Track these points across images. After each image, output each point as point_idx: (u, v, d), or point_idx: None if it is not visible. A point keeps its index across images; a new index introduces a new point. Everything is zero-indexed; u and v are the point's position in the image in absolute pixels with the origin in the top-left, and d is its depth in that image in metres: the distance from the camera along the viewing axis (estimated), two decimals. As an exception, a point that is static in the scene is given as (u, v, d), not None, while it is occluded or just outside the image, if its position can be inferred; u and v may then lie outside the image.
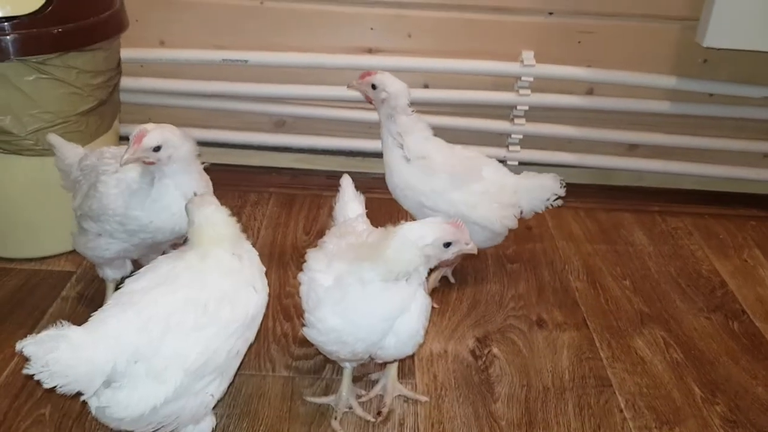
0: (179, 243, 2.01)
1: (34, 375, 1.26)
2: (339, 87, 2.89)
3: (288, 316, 2.23)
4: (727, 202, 3.12)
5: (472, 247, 1.63)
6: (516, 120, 2.99)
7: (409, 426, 1.86)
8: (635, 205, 3.06)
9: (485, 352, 2.14)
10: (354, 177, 2.05)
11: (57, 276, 2.36)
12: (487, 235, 2.29)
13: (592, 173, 3.15)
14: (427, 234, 1.57)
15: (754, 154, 3.10)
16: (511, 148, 3.05)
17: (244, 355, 1.62)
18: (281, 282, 2.38)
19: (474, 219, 2.20)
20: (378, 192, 2.30)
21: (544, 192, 2.33)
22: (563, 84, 2.94)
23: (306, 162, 3.17)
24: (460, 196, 2.23)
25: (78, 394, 1.35)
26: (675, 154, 3.08)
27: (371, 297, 1.59)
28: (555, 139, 3.06)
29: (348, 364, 1.87)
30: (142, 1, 2.78)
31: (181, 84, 2.93)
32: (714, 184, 3.17)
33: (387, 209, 2.34)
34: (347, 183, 2.03)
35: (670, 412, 1.95)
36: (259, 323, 1.64)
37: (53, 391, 1.78)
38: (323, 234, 1.87)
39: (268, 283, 1.69)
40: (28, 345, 1.25)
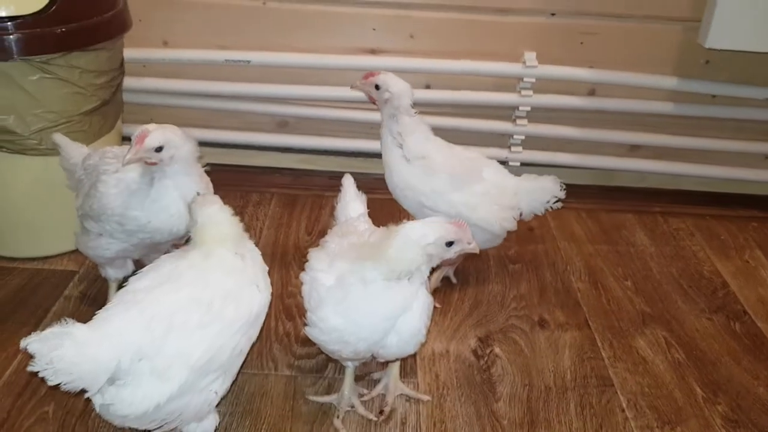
0: (181, 243, 2.02)
1: (38, 372, 1.27)
2: (341, 87, 2.90)
3: (290, 315, 2.24)
4: (729, 203, 3.12)
5: (474, 247, 1.63)
6: (518, 121, 2.99)
7: (411, 425, 1.86)
8: (637, 206, 3.06)
9: (487, 351, 2.15)
10: (356, 177, 2.05)
11: (60, 275, 2.36)
12: (486, 237, 2.28)
13: (593, 174, 3.16)
14: (430, 233, 1.57)
15: (755, 155, 3.11)
16: (513, 148, 3.05)
17: (246, 354, 1.62)
18: (283, 282, 2.39)
19: (474, 220, 2.19)
20: (379, 192, 2.30)
21: (544, 194, 2.33)
22: (565, 85, 2.94)
23: (308, 162, 3.17)
24: (460, 197, 2.22)
25: (82, 391, 1.36)
26: (677, 155, 3.09)
27: (373, 296, 1.60)
28: (557, 140, 3.06)
29: (350, 363, 1.88)
30: (145, 1, 2.79)
31: (184, 84, 2.94)
32: (716, 185, 3.17)
33: (388, 210, 2.34)
34: (349, 183, 2.03)
35: (671, 411, 1.96)
36: (262, 322, 1.65)
37: (56, 389, 1.78)
38: (325, 234, 1.87)
39: (270, 283, 1.69)
40: (32, 342, 1.26)
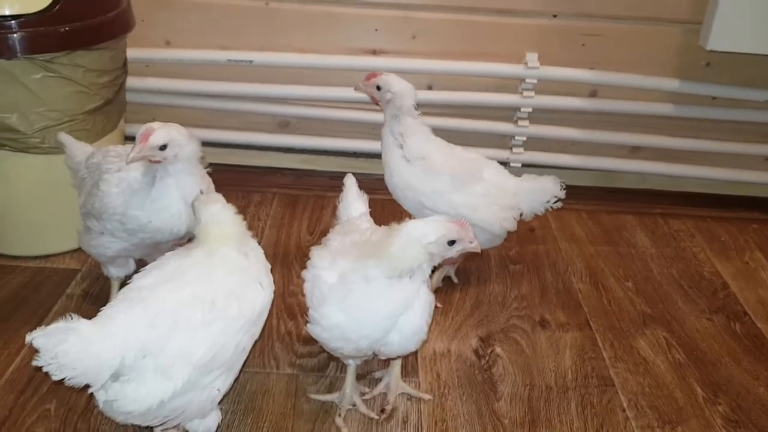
0: (183, 243, 2.02)
1: (42, 367, 1.27)
2: (343, 88, 2.91)
3: (292, 314, 2.24)
4: (730, 204, 3.12)
5: (475, 246, 1.64)
6: (519, 122, 3.00)
7: (413, 423, 1.86)
8: (638, 208, 3.06)
9: (488, 351, 2.15)
10: (357, 178, 2.05)
11: (62, 274, 2.37)
12: (487, 237, 2.28)
13: (594, 175, 3.16)
14: (432, 232, 1.58)
15: (756, 157, 3.11)
16: (515, 149, 3.06)
17: (249, 351, 1.62)
18: (285, 281, 2.39)
19: (474, 221, 2.17)
20: (381, 193, 2.30)
21: (544, 194, 2.34)
22: (567, 86, 2.95)
23: (309, 163, 3.18)
24: (461, 197, 2.23)
25: (85, 388, 1.36)
26: (678, 156, 3.09)
27: (375, 294, 1.60)
28: (558, 141, 3.07)
29: (352, 361, 1.88)
30: (148, 1, 2.80)
31: (187, 84, 2.94)
32: (716, 186, 3.18)
33: (390, 210, 2.34)
34: (351, 182, 2.04)
35: (672, 411, 1.96)
36: (265, 319, 1.65)
37: (59, 387, 1.79)
38: (327, 234, 1.88)
39: (273, 281, 1.69)
40: (37, 337, 1.26)
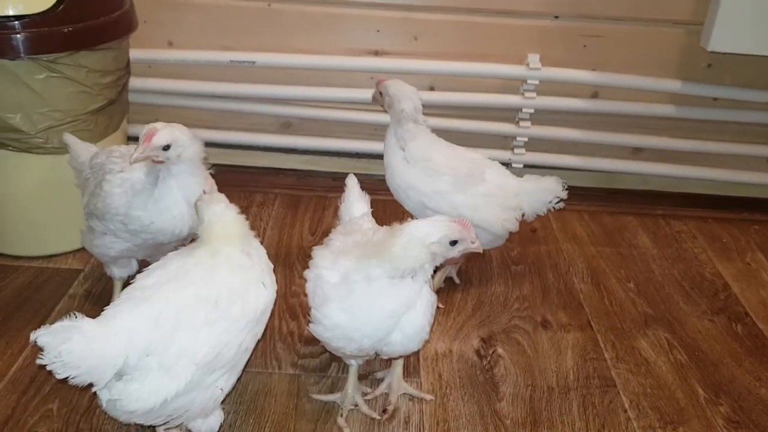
0: (186, 244, 2.02)
1: (46, 365, 1.28)
2: (345, 89, 2.92)
3: (294, 314, 2.24)
4: (731, 206, 3.12)
5: (477, 246, 1.64)
6: (521, 123, 3.00)
7: (415, 424, 1.87)
8: (639, 209, 3.06)
9: (490, 351, 2.15)
10: (359, 178, 2.06)
11: (64, 274, 2.37)
12: (489, 238, 2.29)
13: (596, 176, 3.16)
14: (434, 232, 1.58)
15: (757, 158, 3.12)
16: (516, 150, 3.06)
17: (252, 351, 1.63)
18: (287, 281, 2.39)
19: (476, 221, 2.17)
20: (383, 194, 2.30)
21: (546, 195, 2.34)
22: (568, 87, 2.95)
23: (312, 163, 3.18)
24: (462, 198, 2.23)
25: (88, 387, 1.37)
26: (679, 157, 3.10)
27: (377, 293, 1.61)
28: (560, 142, 3.07)
29: (353, 361, 1.88)
30: (151, 2, 2.80)
31: (189, 85, 2.95)
32: (718, 188, 3.18)
33: (392, 211, 2.34)
34: (353, 183, 2.04)
35: (673, 412, 1.96)
36: (268, 318, 1.65)
37: (61, 387, 1.80)
38: (328, 235, 1.88)
39: (275, 280, 1.70)
40: (41, 335, 1.26)
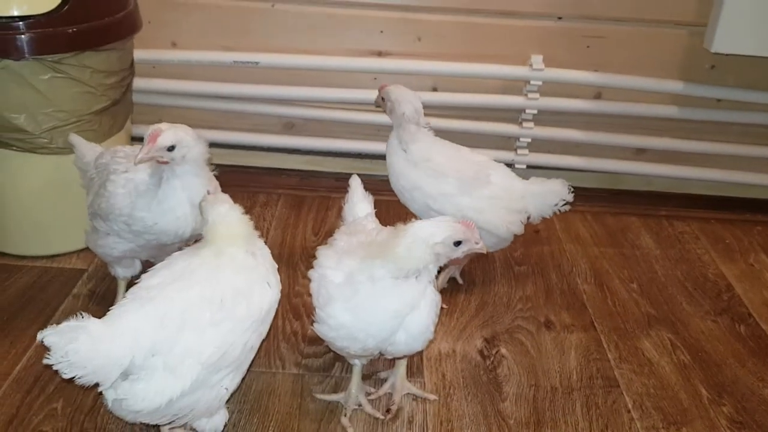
0: (190, 245, 2.02)
1: (53, 365, 1.28)
2: (348, 89, 2.93)
3: (297, 314, 2.25)
4: (734, 207, 3.12)
5: (481, 247, 1.64)
6: (524, 123, 3.00)
7: (418, 423, 1.87)
8: (642, 209, 3.06)
9: (493, 352, 2.16)
10: (363, 179, 2.06)
11: (68, 274, 2.38)
12: (494, 240, 2.29)
13: (599, 177, 3.16)
14: (438, 232, 1.59)
15: (760, 159, 3.11)
16: (519, 151, 3.06)
17: (257, 350, 1.63)
18: (290, 282, 2.40)
19: (480, 224, 2.16)
20: (386, 194, 2.31)
21: (552, 197, 2.33)
22: (571, 88, 2.95)
23: (315, 164, 3.19)
24: (468, 200, 2.23)
25: (92, 387, 1.37)
26: (682, 158, 3.10)
27: (381, 294, 1.61)
28: (563, 143, 3.07)
29: (357, 361, 1.89)
30: (154, 3, 2.81)
31: (193, 85, 2.95)
32: (721, 188, 3.18)
33: (395, 211, 2.34)
34: (356, 183, 2.04)
35: (677, 412, 1.96)
36: (272, 318, 1.66)
37: (65, 386, 1.80)
38: (332, 235, 1.88)
39: (279, 280, 1.70)
40: (48, 335, 1.27)
